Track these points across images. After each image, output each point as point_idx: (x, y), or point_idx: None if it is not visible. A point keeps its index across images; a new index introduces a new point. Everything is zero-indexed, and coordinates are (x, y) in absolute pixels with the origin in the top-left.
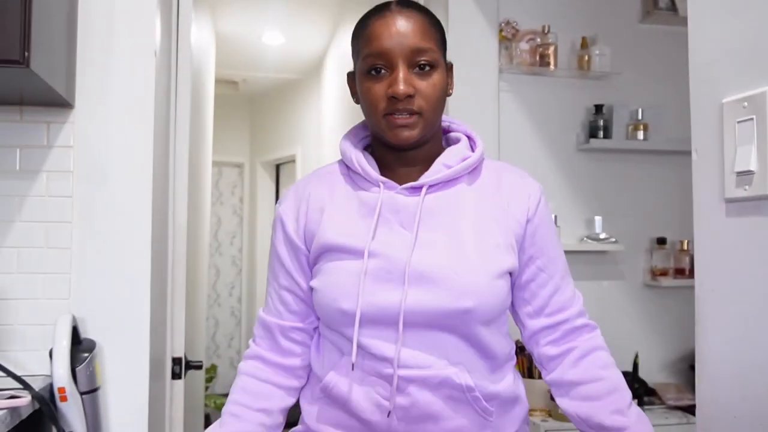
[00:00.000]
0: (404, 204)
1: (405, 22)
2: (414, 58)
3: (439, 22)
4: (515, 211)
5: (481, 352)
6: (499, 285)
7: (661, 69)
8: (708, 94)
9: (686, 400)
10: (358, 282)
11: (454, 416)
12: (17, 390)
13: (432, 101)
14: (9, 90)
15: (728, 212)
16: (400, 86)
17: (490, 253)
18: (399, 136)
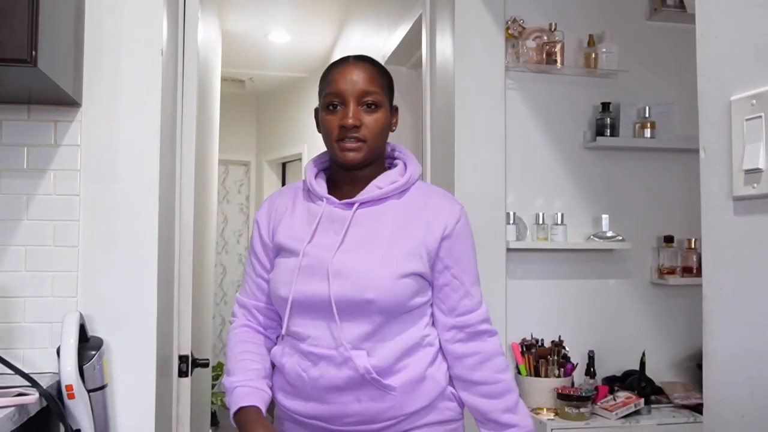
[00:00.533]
0: (339, 216)
1: (357, 70)
2: (362, 98)
3: (388, 73)
4: (434, 227)
5: (387, 339)
6: (401, 284)
7: (669, 66)
8: (716, 92)
9: (694, 398)
10: (293, 275)
11: (356, 391)
12: (25, 387)
13: (374, 132)
14: (17, 89)
15: (736, 210)
16: (349, 119)
17: (396, 257)
18: (347, 158)
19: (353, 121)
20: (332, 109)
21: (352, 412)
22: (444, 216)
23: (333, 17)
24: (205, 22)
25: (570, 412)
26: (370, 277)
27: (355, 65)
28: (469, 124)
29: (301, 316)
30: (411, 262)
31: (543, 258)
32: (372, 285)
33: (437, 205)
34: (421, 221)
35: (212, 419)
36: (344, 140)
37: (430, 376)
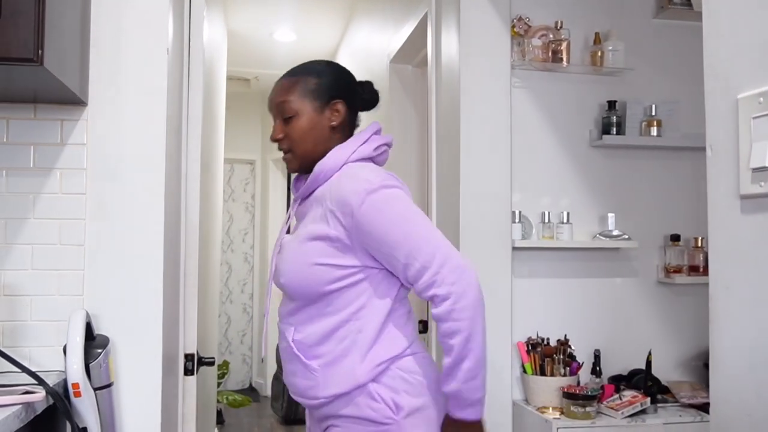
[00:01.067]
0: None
1: (276, 87)
2: (280, 112)
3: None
4: (338, 210)
5: (309, 321)
6: (310, 270)
7: (675, 64)
8: (723, 90)
9: (700, 398)
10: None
11: (292, 364)
12: (32, 385)
13: (297, 139)
14: (23, 88)
15: (743, 209)
16: (273, 134)
17: (304, 245)
18: (287, 167)
19: (274, 135)
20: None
21: (291, 383)
22: (348, 198)
23: (338, 16)
24: (210, 21)
25: (576, 411)
26: (285, 265)
27: (277, 82)
28: (474, 123)
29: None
30: (315, 247)
31: (549, 257)
32: (285, 270)
33: (342, 188)
34: (328, 205)
35: (218, 417)
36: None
37: (348, 366)
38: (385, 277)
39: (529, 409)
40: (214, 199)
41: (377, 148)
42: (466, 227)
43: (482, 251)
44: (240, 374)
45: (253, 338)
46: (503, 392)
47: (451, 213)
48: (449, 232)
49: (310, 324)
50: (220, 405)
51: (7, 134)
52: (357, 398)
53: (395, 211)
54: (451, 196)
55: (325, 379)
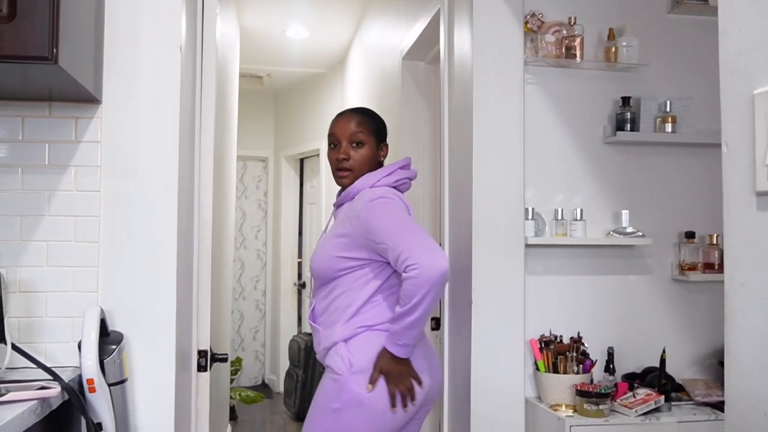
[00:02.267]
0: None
1: (348, 120)
2: (351, 139)
3: (378, 118)
4: (352, 215)
5: (323, 296)
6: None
7: (690, 60)
8: (739, 86)
9: (715, 396)
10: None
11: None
12: (47, 381)
13: (358, 164)
14: (38, 86)
15: (759, 206)
16: (342, 154)
17: (330, 241)
18: (340, 182)
19: (344, 156)
20: (333, 147)
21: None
22: (358, 210)
23: (351, 13)
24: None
25: (589, 409)
26: (316, 255)
27: (348, 115)
28: (487, 119)
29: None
30: (337, 242)
31: (562, 254)
32: (314, 259)
33: (355, 204)
34: (348, 215)
35: (231, 413)
36: (339, 169)
37: (335, 328)
38: (379, 268)
39: (542, 406)
40: (227, 196)
41: (398, 180)
42: (478, 224)
43: (495, 248)
44: (253, 370)
45: (265, 335)
46: (516, 390)
47: (464, 210)
48: (462, 229)
49: (322, 300)
50: (233, 401)
51: (23, 132)
52: (331, 350)
53: (389, 213)
54: (464, 193)
55: (325, 337)
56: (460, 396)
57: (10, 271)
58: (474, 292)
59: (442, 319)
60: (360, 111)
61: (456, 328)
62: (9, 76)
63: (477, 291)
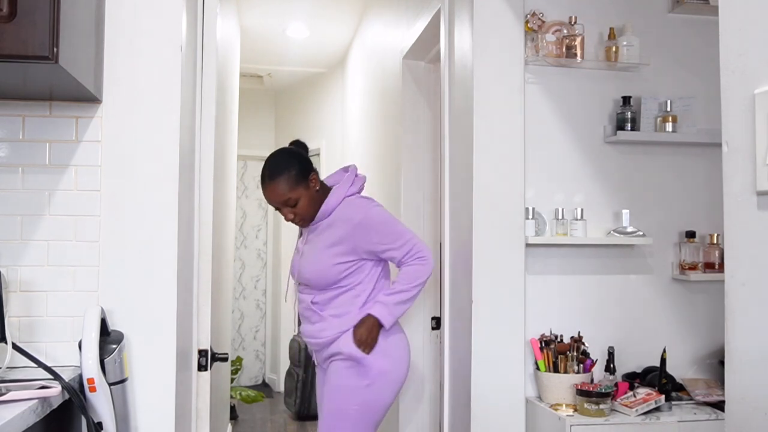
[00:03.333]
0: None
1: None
2: (284, 204)
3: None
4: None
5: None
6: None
7: (691, 60)
8: (739, 85)
9: (715, 395)
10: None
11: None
12: (48, 380)
13: (303, 213)
14: (39, 85)
15: (760, 205)
16: (286, 216)
17: (326, 252)
18: (300, 226)
19: (287, 219)
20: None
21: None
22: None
23: (351, 12)
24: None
25: (590, 409)
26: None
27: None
28: (487, 119)
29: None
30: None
31: (562, 253)
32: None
33: (345, 213)
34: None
35: (231, 413)
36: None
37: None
38: (372, 265)
39: (543, 406)
40: (228, 196)
41: (359, 186)
42: (479, 224)
43: (495, 248)
44: (253, 370)
45: (266, 334)
46: (516, 389)
47: (465, 209)
48: (462, 228)
49: (321, 294)
50: (233, 400)
51: (23, 131)
52: (344, 337)
53: (382, 218)
54: (465, 193)
55: (334, 326)
56: (461, 395)
57: (10, 270)
58: (474, 291)
59: (443, 318)
60: (270, 177)
61: (456, 328)
62: (9, 75)
63: (477, 290)
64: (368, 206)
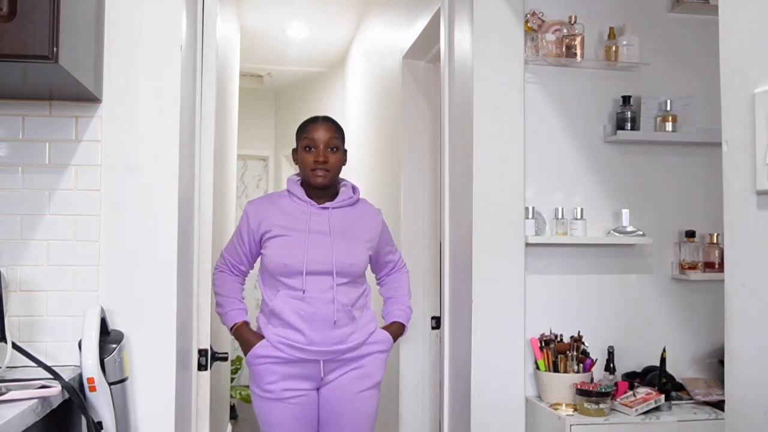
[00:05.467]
0: (318, 213)
1: (324, 127)
2: (328, 144)
3: (341, 127)
4: (372, 223)
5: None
6: (362, 258)
7: (691, 59)
8: (739, 85)
9: (715, 395)
10: (302, 245)
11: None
12: (48, 380)
13: (334, 166)
14: (38, 85)
15: (760, 205)
16: (321, 157)
17: (361, 243)
18: (317, 181)
19: (323, 158)
20: (308, 150)
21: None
22: (375, 218)
23: (351, 12)
24: (223, 17)
25: (589, 408)
26: (341, 258)
27: (322, 123)
28: (487, 119)
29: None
30: (367, 246)
31: (562, 253)
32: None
33: (369, 213)
34: (366, 222)
35: (231, 412)
36: (316, 170)
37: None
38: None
39: (542, 405)
40: (228, 195)
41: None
42: (479, 223)
43: (495, 247)
44: None
45: None
46: (516, 389)
47: (464, 209)
48: (462, 228)
49: (343, 296)
50: (233, 400)
51: (23, 131)
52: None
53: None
54: (464, 193)
55: (360, 327)
56: (461, 395)
57: (10, 270)
58: (474, 291)
59: (443, 318)
60: (332, 120)
61: (456, 327)
62: (9, 75)
63: (477, 290)
64: (379, 210)
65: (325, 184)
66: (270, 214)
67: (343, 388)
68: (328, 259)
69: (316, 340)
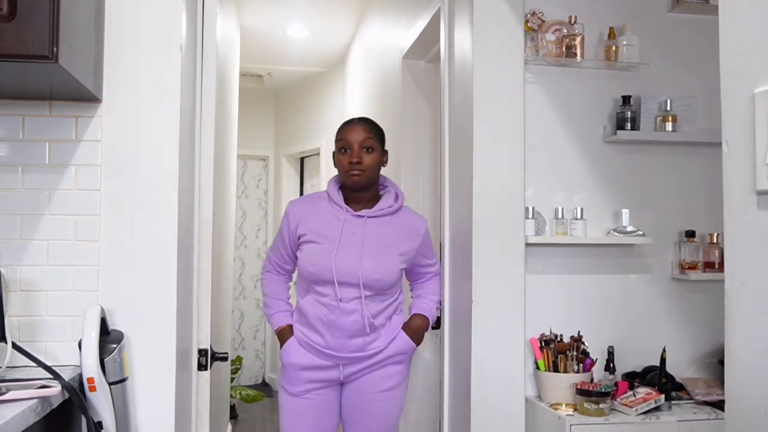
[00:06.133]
0: (352, 221)
1: (358, 128)
2: (362, 145)
3: (380, 128)
4: (413, 235)
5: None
6: (392, 272)
7: (691, 59)
8: (739, 85)
9: (715, 395)
10: (331, 255)
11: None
12: (48, 380)
13: (369, 167)
14: (38, 85)
15: (760, 205)
16: (354, 158)
17: (394, 256)
18: (353, 180)
19: (357, 159)
20: (344, 152)
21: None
22: (418, 229)
23: (351, 12)
24: (223, 17)
25: (589, 408)
26: (372, 270)
27: (357, 124)
28: (487, 118)
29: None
30: (401, 259)
31: (562, 253)
32: (374, 272)
33: (413, 223)
34: (404, 232)
35: (231, 412)
36: (351, 171)
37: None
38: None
39: (542, 405)
40: (227, 195)
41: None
42: (479, 223)
43: (495, 247)
44: (253, 369)
45: (266, 334)
46: (516, 388)
47: (464, 209)
48: (462, 228)
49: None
50: (233, 400)
51: (23, 131)
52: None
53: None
54: (464, 192)
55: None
56: (461, 395)
57: (10, 270)
58: (474, 290)
59: (443, 318)
60: (368, 120)
61: (456, 327)
62: (9, 74)
63: (477, 290)
64: (423, 220)
65: (361, 183)
66: (307, 216)
67: (365, 387)
68: (355, 272)
69: (334, 345)
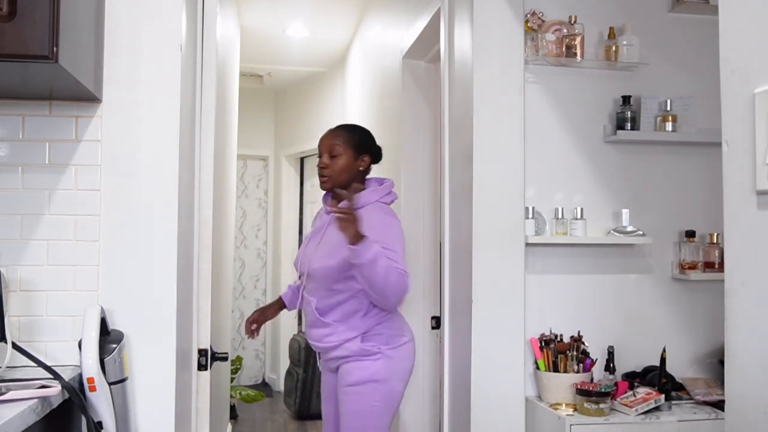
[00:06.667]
0: (324, 218)
1: (328, 135)
2: (329, 151)
3: (356, 132)
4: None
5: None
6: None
7: (691, 59)
8: (739, 85)
9: (715, 395)
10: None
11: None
12: (47, 380)
13: (335, 171)
14: (38, 85)
15: (759, 204)
16: (321, 164)
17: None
18: (321, 184)
19: (322, 165)
20: (318, 158)
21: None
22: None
23: (351, 12)
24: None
25: (589, 408)
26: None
27: (329, 132)
28: (487, 118)
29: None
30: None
31: (562, 253)
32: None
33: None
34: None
35: (231, 412)
36: (321, 175)
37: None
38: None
39: (542, 405)
40: (227, 195)
41: (391, 199)
42: (479, 223)
43: (495, 247)
44: (253, 369)
45: (265, 334)
46: (516, 388)
47: (464, 209)
48: (462, 228)
49: (324, 300)
50: (233, 400)
51: (23, 131)
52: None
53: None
54: (464, 193)
55: (339, 332)
56: (461, 395)
57: (10, 269)
58: (474, 290)
59: (443, 318)
60: (341, 126)
61: (456, 327)
62: (9, 74)
63: (477, 290)
64: (390, 214)
65: (328, 187)
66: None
67: (339, 379)
68: (305, 262)
69: (307, 333)
